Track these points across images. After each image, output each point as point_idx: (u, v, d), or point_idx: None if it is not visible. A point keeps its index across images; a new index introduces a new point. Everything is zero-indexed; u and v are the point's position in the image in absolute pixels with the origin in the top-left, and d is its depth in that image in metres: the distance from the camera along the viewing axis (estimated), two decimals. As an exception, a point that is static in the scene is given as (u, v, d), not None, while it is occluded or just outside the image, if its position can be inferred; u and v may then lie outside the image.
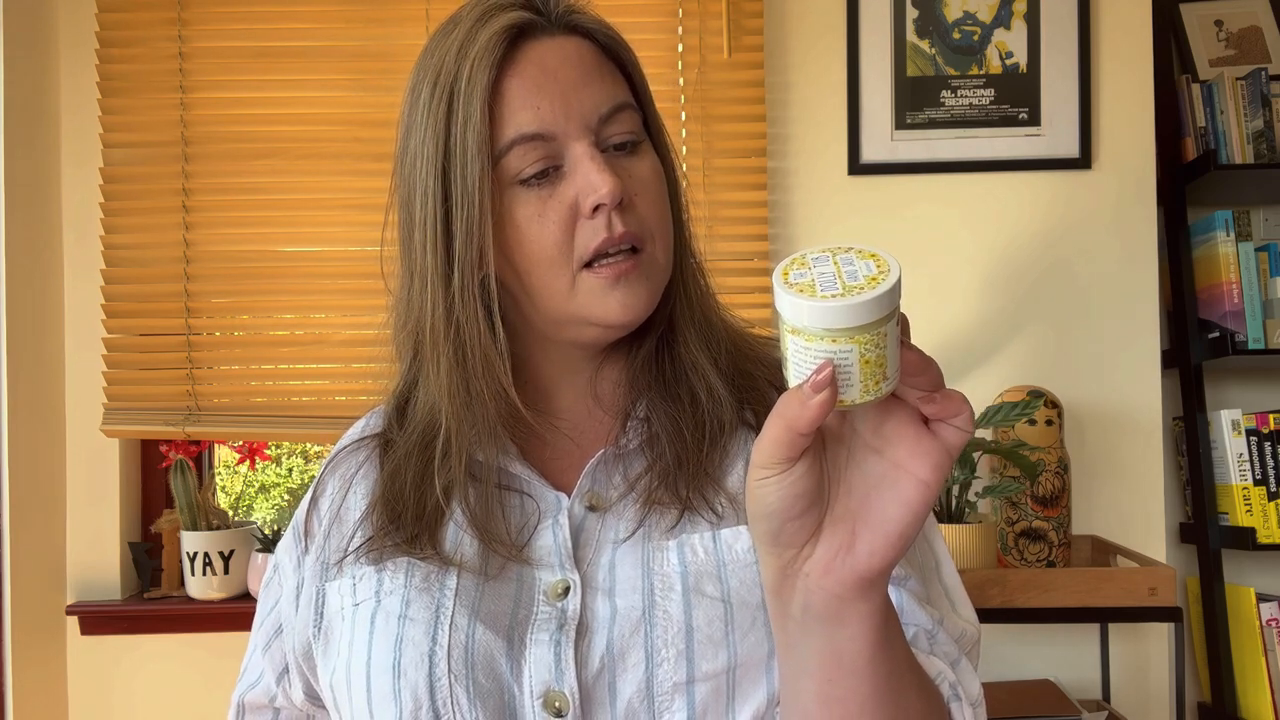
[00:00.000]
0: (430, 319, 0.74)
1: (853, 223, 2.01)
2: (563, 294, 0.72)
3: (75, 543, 2.03)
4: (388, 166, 0.82)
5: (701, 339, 0.77)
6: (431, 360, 0.74)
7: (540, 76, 0.70)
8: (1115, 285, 2.00)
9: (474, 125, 0.69)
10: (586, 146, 0.70)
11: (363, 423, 0.86)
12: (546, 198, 0.71)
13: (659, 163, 0.76)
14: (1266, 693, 1.89)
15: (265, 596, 0.85)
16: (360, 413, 0.89)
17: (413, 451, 0.76)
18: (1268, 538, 1.89)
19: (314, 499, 0.83)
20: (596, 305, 0.71)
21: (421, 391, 0.77)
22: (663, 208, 0.74)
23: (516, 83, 0.70)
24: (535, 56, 0.71)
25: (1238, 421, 1.93)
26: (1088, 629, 1.95)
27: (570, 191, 0.70)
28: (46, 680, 1.97)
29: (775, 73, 2.03)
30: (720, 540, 0.70)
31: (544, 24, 0.72)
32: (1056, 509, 1.74)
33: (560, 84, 0.70)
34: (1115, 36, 2.01)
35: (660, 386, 0.76)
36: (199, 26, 2.02)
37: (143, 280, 2.02)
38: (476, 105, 0.69)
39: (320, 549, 0.79)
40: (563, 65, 0.71)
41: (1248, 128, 2.00)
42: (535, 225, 0.71)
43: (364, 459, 0.81)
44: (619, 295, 0.71)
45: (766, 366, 0.80)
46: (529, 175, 0.70)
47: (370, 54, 2.02)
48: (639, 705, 0.67)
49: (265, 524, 2.05)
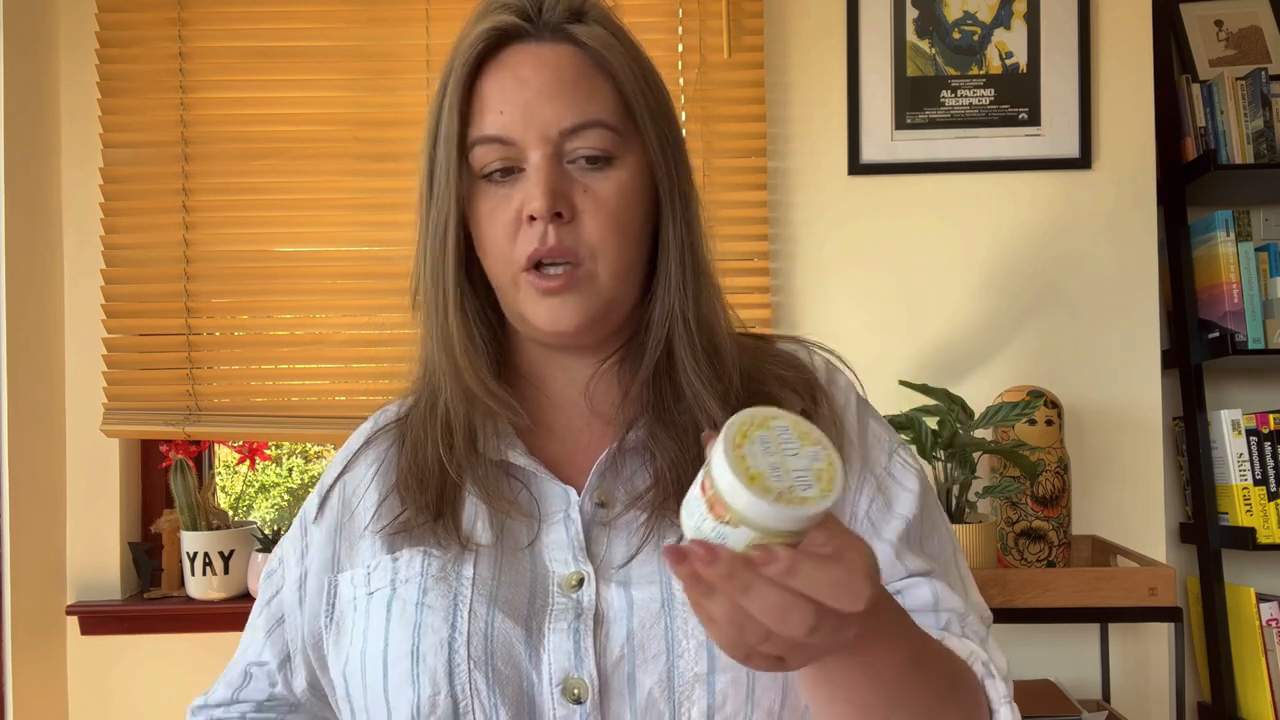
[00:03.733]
0: (421, 289, 0.77)
1: (853, 223, 2.01)
2: (509, 291, 0.75)
3: (75, 543, 2.03)
4: (388, 166, 0.84)
5: (707, 369, 0.76)
6: (429, 332, 0.77)
7: (510, 83, 0.72)
8: (1115, 285, 2.00)
9: (447, 118, 0.73)
10: (540, 157, 0.71)
11: (373, 420, 0.87)
12: (504, 197, 0.73)
13: (630, 183, 0.74)
14: (1266, 693, 1.89)
15: (266, 587, 0.86)
16: (361, 412, 0.90)
17: (425, 423, 0.78)
18: (1268, 538, 1.89)
19: (327, 492, 0.84)
20: (530, 309, 0.74)
21: (423, 360, 0.80)
22: (615, 228, 0.73)
23: (489, 85, 0.73)
24: (512, 62, 0.73)
25: (1238, 421, 1.93)
26: (1088, 629, 1.95)
27: (519, 196, 0.72)
28: (46, 680, 1.97)
29: (775, 73, 2.03)
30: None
31: (531, 30, 0.73)
32: (1056, 509, 1.74)
33: (527, 93, 0.72)
34: (1115, 36, 2.01)
35: (659, 405, 0.76)
36: (199, 26, 2.02)
37: (143, 280, 2.02)
38: (453, 100, 0.73)
39: (333, 536, 0.81)
40: (536, 74, 0.72)
41: (1248, 128, 2.00)
42: (490, 221, 0.74)
43: (385, 449, 0.82)
44: (548, 305, 0.73)
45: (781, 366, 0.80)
46: (491, 171, 0.73)
47: (370, 54, 2.02)
48: (659, 695, 0.68)
49: (265, 524, 2.05)
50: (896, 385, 1.69)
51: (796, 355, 0.82)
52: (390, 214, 2.01)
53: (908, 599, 0.74)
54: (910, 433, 1.61)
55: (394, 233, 2.01)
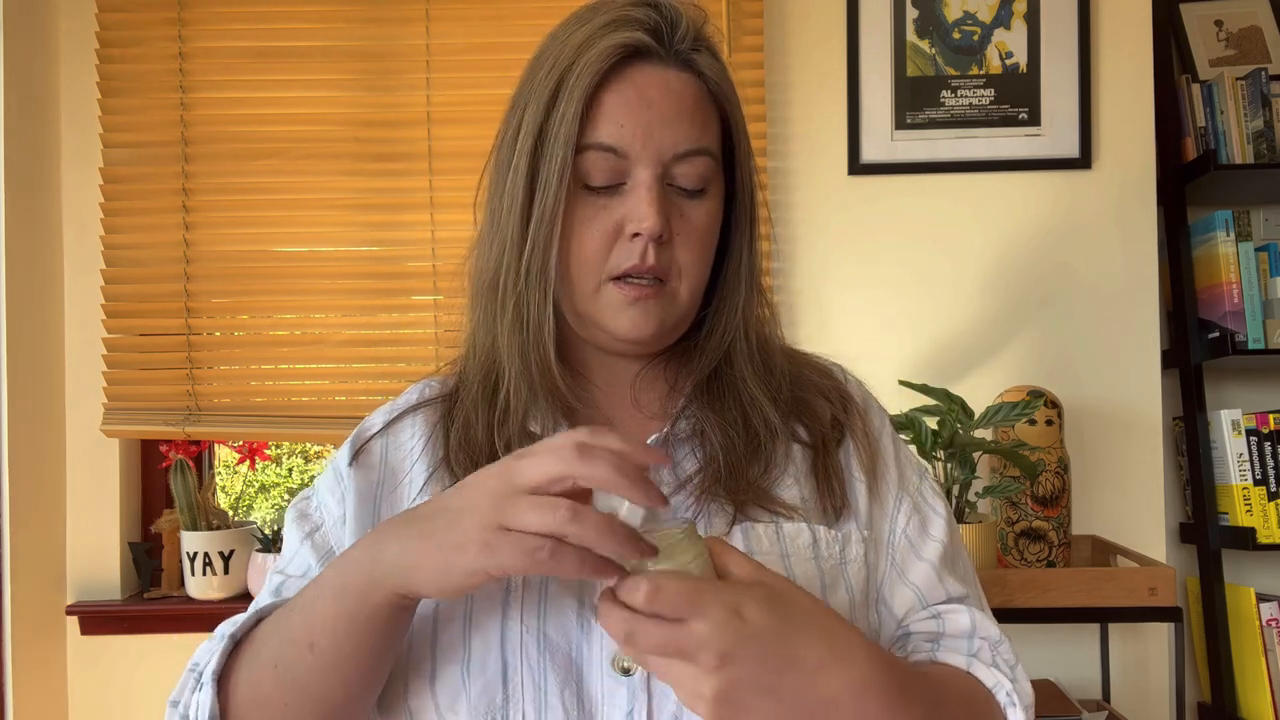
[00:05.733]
0: (503, 278, 0.78)
1: (853, 223, 2.01)
2: (588, 295, 0.78)
3: (75, 543, 2.03)
4: (388, 166, 0.84)
5: (760, 380, 0.82)
6: (499, 318, 0.79)
7: (635, 99, 0.75)
8: (1115, 285, 2.00)
9: (568, 119, 0.74)
10: (650, 176, 0.75)
11: (418, 389, 0.88)
12: (602, 207, 0.76)
13: (718, 212, 0.80)
14: (1266, 693, 1.89)
15: (301, 523, 0.83)
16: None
17: (478, 404, 0.80)
18: (1268, 538, 1.89)
19: (369, 439, 0.83)
20: (610, 316, 0.77)
21: (484, 344, 0.81)
22: (701, 253, 0.79)
23: (613, 98, 0.75)
24: (639, 80, 0.75)
25: (1238, 421, 1.93)
26: (1088, 629, 1.95)
27: (621, 210, 0.76)
28: (46, 680, 1.97)
29: (775, 73, 2.03)
30: (783, 532, 0.75)
31: (660, 53, 0.76)
32: (1056, 509, 1.74)
33: (651, 114, 0.75)
34: (1115, 36, 2.02)
35: (711, 402, 0.81)
36: (199, 26, 2.02)
37: (143, 280, 2.02)
38: (575, 103, 0.74)
39: (374, 490, 0.80)
40: (663, 98, 0.75)
41: (1248, 128, 2.00)
42: (585, 228, 0.76)
43: (434, 423, 0.83)
44: (631, 314, 0.77)
45: (818, 374, 0.87)
46: (596, 184, 0.76)
47: (370, 54, 2.02)
48: None
49: (265, 524, 2.05)
50: (896, 385, 1.69)
51: (830, 369, 0.89)
52: (390, 214, 2.01)
53: (947, 624, 0.79)
54: (910, 433, 1.61)
55: (394, 233, 2.01)
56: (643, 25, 0.76)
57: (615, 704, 0.69)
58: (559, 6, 2.19)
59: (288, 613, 0.71)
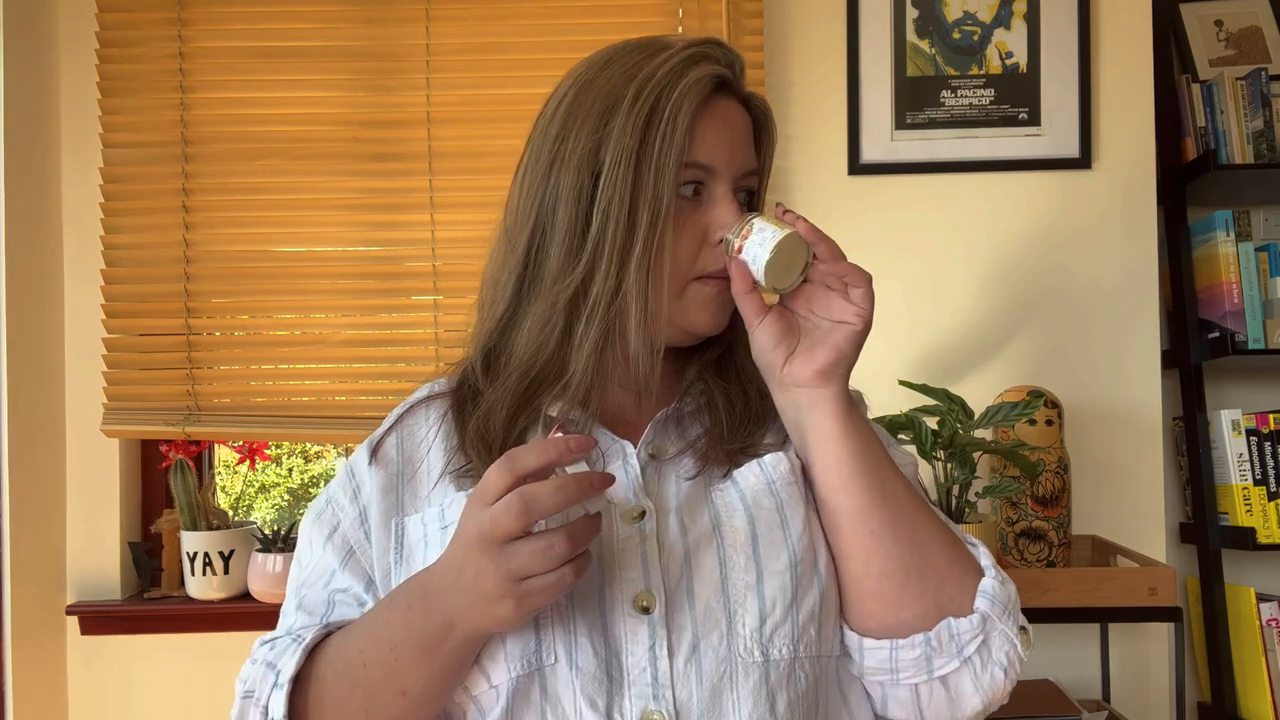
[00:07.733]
0: (599, 286, 0.84)
1: (853, 223, 2.01)
2: (674, 295, 0.87)
3: (75, 543, 2.03)
4: (388, 166, 0.85)
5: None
6: (585, 322, 0.85)
7: (722, 125, 0.88)
8: (1115, 285, 2.00)
9: (676, 139, 0.84)
10: (728, 189, 0.88)
11: (426, 388, 0.96)
12: (689, 212, 0.87)
13: None
14: (1266, 693, 1.89)
15: (319, 525, 0.91)
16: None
17: (509, 393, 0.87)
18: (1268, 538, 1.89)
19: (381, 438, 0.92)
20: (695, 311, 0.88)
21: (522, 343, 0.88)
22: None
23: (705, 122, 0.87)
24: (723, 109, 0.88)
25: (1238, 421, 1.93)
26: (1088, 629, 1.95)
27: (705, 218, 0.87)
28: (46, 680, 1.97)
29: (775, 73, 2.03)
30: (765, 464, 0.86)
31: (735, 87, 0.90)
32: (1056, 509, 1.74)
33: (734, 136, 0.88)
34: (1115, 36, 2.02)
35: (715, 377, 0.92)
36: (199, 26, 2.02)
37: (143, 280, 2.02)
38: (682, 124, 0.84)
39: (394, 482, 0.88)
40: (740, 124, 0.90)
41: (1248, 128, 2.00)
42: (679, 233, 0.86)
43: (443, 413, 0.91)
44: (713, 308, 0.88)
45: None
46: (686, 195, 0.87)
47: (370, 54, 2.02)
48: (716, 604, 0.79)
49: (265, 524, 2.05)
50: (896, 385, 1.69)
51: None
52: (390, 214, 2.01)
53: None
54: (910, 433, 1.61)
55: (394, 233, 2.01)
56: (719, 61, 0.88)
57: (639, 639, 0.78)
58: (559, 6, 2.20)
59: (364, 668, 0.78)
